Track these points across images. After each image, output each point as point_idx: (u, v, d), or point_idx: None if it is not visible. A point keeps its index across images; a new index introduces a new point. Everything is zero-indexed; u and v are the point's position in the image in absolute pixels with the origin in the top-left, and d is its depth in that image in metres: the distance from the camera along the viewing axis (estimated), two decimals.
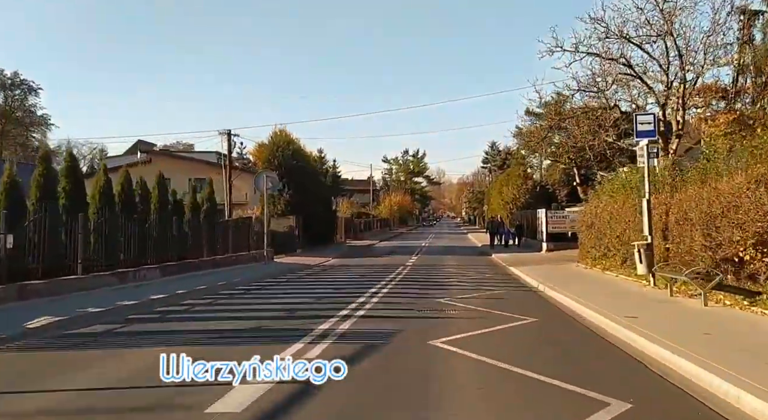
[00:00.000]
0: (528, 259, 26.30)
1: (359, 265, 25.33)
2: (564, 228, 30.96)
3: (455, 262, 26.50)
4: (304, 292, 15.82)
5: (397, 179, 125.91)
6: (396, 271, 21.38)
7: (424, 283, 17.54)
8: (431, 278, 18.95)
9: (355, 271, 22.13)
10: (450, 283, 17.08)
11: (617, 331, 9.22)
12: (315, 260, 27.00)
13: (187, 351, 6.32)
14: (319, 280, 19.01)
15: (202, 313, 12.30)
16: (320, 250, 32.95)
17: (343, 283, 17.88)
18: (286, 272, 21.35)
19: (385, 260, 28.11)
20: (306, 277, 20.28)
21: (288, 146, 31.42)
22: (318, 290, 16.14)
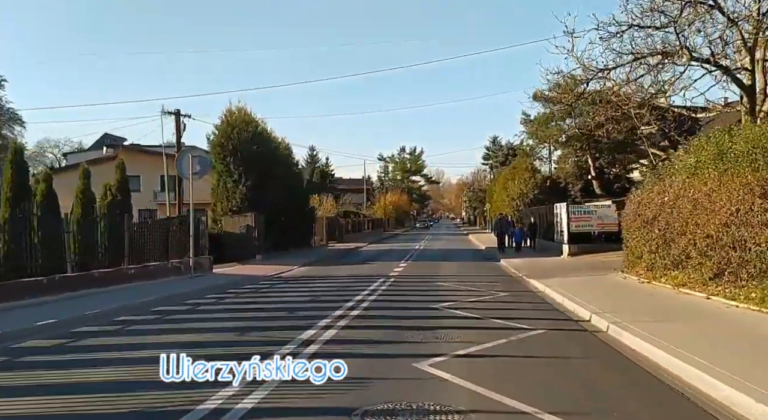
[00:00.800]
0: (551, 267, 20.20)
1: (325, 276, 19.18)
2: (589, 226, 24.83)
3: (454, 272, 20.33)
4: (195, 332, 9.55)
5: (394, 178, 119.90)
6: (369, 287, 15.21)
7: (402, 313, 11.27)
8: (416, 301, 12.81)
9: (310, 288, 15.99)
10: (444, 315, 10.80)
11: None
12: (274, 270, 20.87)
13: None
14: (244, 308, 12.71)
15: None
16: (289, 256, 26.80)
17: (272, 315, 11.68)
18: (206, 292, 14.99)
19: (363, 269, 21.97)
20: (232, 300, 14.07)
21: (247, 128, 25.36)
22: (223, 329, 9.90)
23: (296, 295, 14.07)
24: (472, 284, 15.80)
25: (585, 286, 14.35)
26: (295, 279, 18.40)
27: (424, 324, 9.53)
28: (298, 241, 31.45)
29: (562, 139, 46.42)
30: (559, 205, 26.73)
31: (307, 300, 13.11)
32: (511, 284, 16.05)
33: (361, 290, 14.22)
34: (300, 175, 33.88)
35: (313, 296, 13.64)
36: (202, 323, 10.43)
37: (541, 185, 45.42)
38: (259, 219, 24.75)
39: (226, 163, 24.58)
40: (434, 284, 15.99)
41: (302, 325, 9.51)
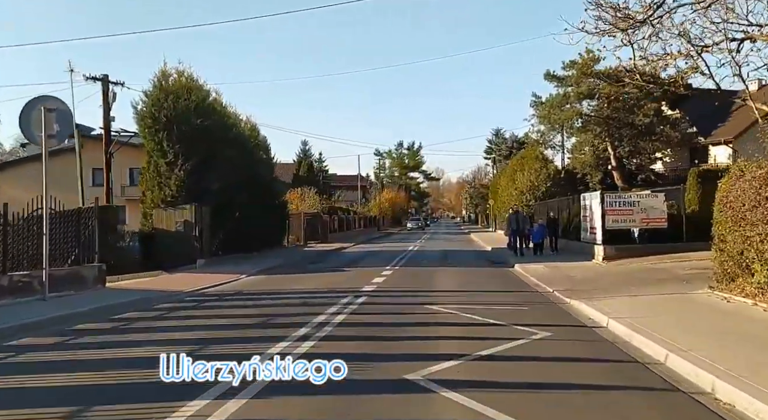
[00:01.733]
0: (588, 278, 14.63)
1: (270, 291, 13.48)
2: (630, 222, 19.14)
3: (454, 285, 14.66)
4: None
5: (391, 174, 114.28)
6: (316, 319, 9.46)
7: (341, 404, 5.39)
8: (382, 361, 6.84)
9: (226, 317, 10.19)
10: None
11: None
12: (211, 280, 15.27)
13: None
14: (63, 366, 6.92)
15: None
16: (245, 260, 21.14)
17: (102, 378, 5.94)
18: (17, 333, 8.48)
19: (333, 279, 16.34)
20: (95, 337, 8.35)
21: (188, 96, 19.69)
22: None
23: (182, 335, 8.28)
24: (483, 309, 10.10)
25: (676, 316, 8.69)
26: (224, 297, 12.67)
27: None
28: (265, 241, 25.76)
29: (578, 123, 40.77)
30: (590, 194, 21.03)
31: (195, 344, 7.38)
32: (545, 310, 10.32)
33: (299, 325, 8.46)
34: (269, 163, 28.14)
35: (204, 339, 7.81)
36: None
37: (555, 176, 39.76)
38: (203, 213, 19.09)
39: (157, 139, 18.93)
40: (423, 309, 10.28)
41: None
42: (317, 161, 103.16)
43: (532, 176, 39.41)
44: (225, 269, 17.98)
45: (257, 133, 27.80)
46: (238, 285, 14.85)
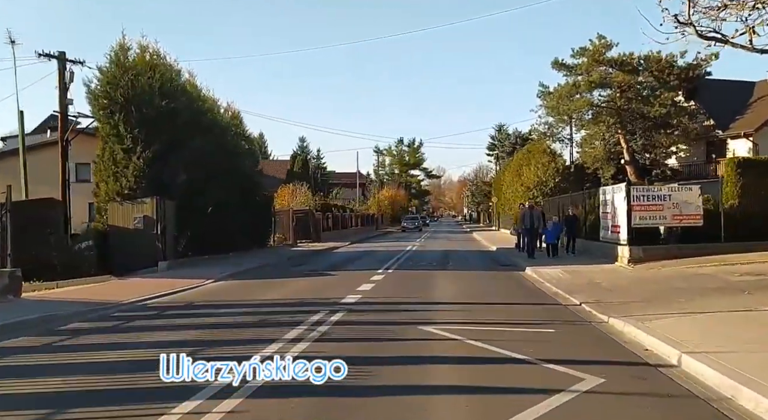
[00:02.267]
0: (621, 286, 12.05)
1: (237, 303, 10.91)
2: (660, 219, 16.53)
3: (457, 295, 12.09)
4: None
5: (391, 172, 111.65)
6: (290, 334, 7.02)
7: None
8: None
9: (166, 338, 7.68)
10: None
11: None
12: (171, 286, 12.83)
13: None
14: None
15: None
16: (217, 262, 18.60)
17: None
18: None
19: (315, 285, 13.81)
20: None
21: (152, 74, 17.05)
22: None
23: (37, 385, 5.65)
24: (496, 332, 7.55)
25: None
26: (164, 312, 10.04)
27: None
28: (246, 240, 23.19)
29: (588, 116, 38.11)
30: (611, 187, 18.41)
31: (46, 406, 4.79)
32: (580, 334, 7.70)
33: (227, 368, 5.83)
34: (252, 155, 25.55)
35: (69, 395, 5.20)
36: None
37: (563, 171, 37.16)
38: (166, 207, 16.49)
39: (113, 123, 16.31)
40: (414, 333, 7.69)
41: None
42: (315, 158, 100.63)
43: (540, 171, 36.80)
44: (190, 273, 15.41)
45: (239, 121, 25.22)
46: (194, 294, 12.25)
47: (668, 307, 9.21)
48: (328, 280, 14.70)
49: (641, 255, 16.32)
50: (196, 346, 6.82)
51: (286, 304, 10.43)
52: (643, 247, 16.40)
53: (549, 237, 18.44)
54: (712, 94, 37.09)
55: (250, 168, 24.72)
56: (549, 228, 18.61)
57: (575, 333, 7.66)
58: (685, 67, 34.57)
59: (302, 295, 11.55)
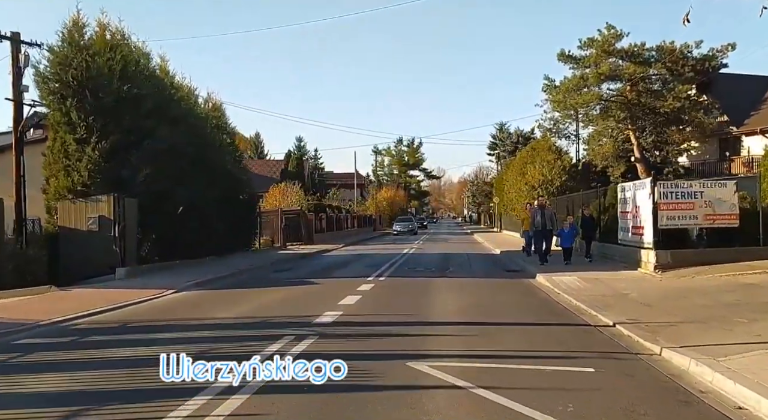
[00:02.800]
0: (662, 300, 10.05)
1: (184, 323, 8.78)
2: (691, 219, 14.46)
3: (459, 305, 10.09)
4: None
5: (390, 172, 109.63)
6: (225, 379, 4.88)
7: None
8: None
9: (46, 386, 5.55)
10: None
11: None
12: (117, 298, 10.84)
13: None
14: None
15: None
16: (188, 268, 16.56)
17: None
18: None
19: (292, 295, 11.77)
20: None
21: (112, 54, 14.95)
22: None
23: None
24: (514, 373, 5.52)
25: None
26: (82, 339, 7.92)
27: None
28: (225, 242, 21.09)
29: (595, 111, 35.99)
30: (634, 183, 16.32)
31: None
32: (633, 377, 5.55)
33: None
34: (235, 149, 23.46)
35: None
36: None
37: (570, 169, 35.09)
38: (125, 206, 14.39)
39: (64, 109, 14.20)
40: (400, 376, 5.58)
41: None
42: (312, 158, 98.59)
43: (545, 169, 34.72)
44: (151, 282, 13.34)
45: (221, 113, 23.14)
46: (139, 310, 10.13)
47: (732, 331, 7.13)
48: (309, 291, 12.60)
49: (669, 260, 14.23)
50: (67, 405, 4.72)
51: (245, 325, 8.35)
52: (671, 251, 14.31)
53: (564, 240, 16.23)
54: (725, 88, 34.99)
55: (233, 164, 22.62)
56: (565, 230, 16.39)
57: (623, 374, 5.56)
58: (701, 59, 32.47)
59: (270, 312, 9.47)
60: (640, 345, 6.76)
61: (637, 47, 32.82)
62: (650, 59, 33.26)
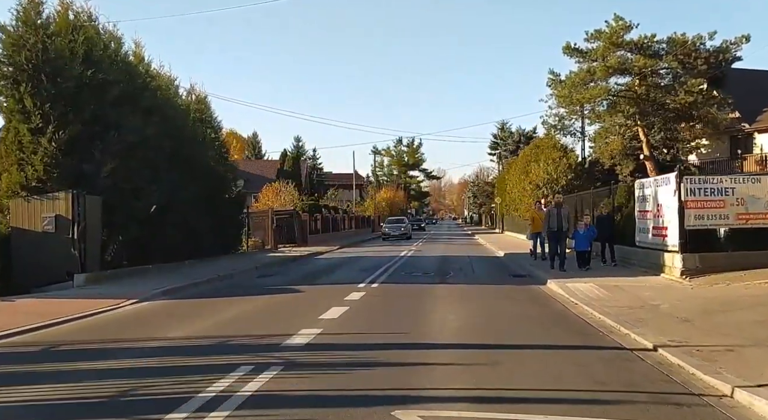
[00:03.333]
0: (704, 313, 8.51)
1: (118, 346, 7.18)
2: (722, 218, 12.88)
3: (461, 320, 8.54)
4: None
5: (390, 173, 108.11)
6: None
7: None
8: None
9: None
10: None
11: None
12: (64, 310, 9.38)
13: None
14: None
15: None
16: (162, 273, 15.00)
17: None
18: None
19: (270, 307, 10.24)
20: None
21: (74, 36, 13.38)
22: None
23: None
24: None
25: None
26: (17, 360, 6.40)
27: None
28: (209, 244, 19.55)
29: (602, 106, 34.36)
30: (655, 179, 14.68)
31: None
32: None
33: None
34: (218, 143, 21.87)
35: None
36: None
37: (576, 167, 33.49)
38: (87, 205, 12.80)
39: (17, 96, 12.61)
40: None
41: None
42: (311, 158, 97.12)
43: (550, 167, 33.12)
44: (113, 290, 11.77)
45: (205, 106, 21.57)
46: (81, 326, 8.54)
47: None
48: (290, 300, 11.02)
49: (697, 265, 12.64)
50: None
51: (196, 349, 6.77)
52: (699, 255, 12.73)
53: (580, 243, 14.53)
54: (736, 83, 33.39)
55: (218, 160, 21.04)
56: (581, 231, 14.74)
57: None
58: (714, 51, 30.88)
59: (235, 330, 7.88)
60: (700, 381, 5.18)
61: (647, 39, 31.22)
62: (660, 52, 31.70)
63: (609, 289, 11.38)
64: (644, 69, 31.26)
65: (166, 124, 16.26)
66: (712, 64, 31.23)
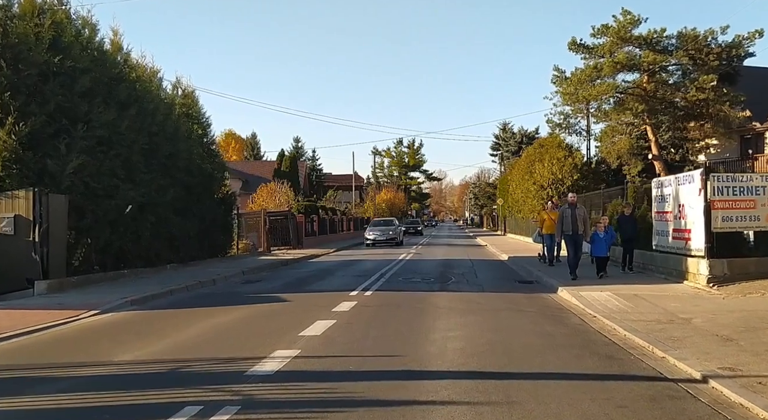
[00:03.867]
0: (747, 329, 7.09)
1: (61, 371, 6.04)
2: (753, 220, 11.67)
3: (464, 339, 7.33)
4: None
5: (390, 174, 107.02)
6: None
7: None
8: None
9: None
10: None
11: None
12: (19, 322, 7.89)
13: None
14: None
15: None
16: (138, 279, 13.82)
17: None
18: None
19: (248, 319, 9.01)
20: None
21: (40, 20, 12.15)
22: None
23: None
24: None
25: None
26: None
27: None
28: (195, 248, 18.36)
29: (609, 104, 33.12)
30: (677, 177, 13.41)
31: None
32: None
33: None
34: (206, 140, 20.67)
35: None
36: None
37: (582, 168, 32.29)
38: (51, 204, 11.59)
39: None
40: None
41: None
42: (310, 159, 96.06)
43: (555, 167, 31.95)
44: (75, 300, 10.57)
45: (192, 101, 20.37)
46: (21, 345, 7.32)
47: None
48: (271, 312, 9.79)
49: (725, 271, 11.44)
50: None
51: (140, 378, 5.53)
52: (727, 261, 11.51)
53: (600, 248, 12.97)
54: (748, 81, 32.18)
55: (206, 159, 19.82)
56: (601, 234, 13.03)
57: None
58: (727, 46, 29.63)
59: (195, 351, 6.64)
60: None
61: (656, 34, 29.99)
62: (670, 47, 30.49)
63: (629, 299, 10.15)
64: (653, 65, 30.03)
65: (143, 119, 15.05)
66: (724, 60, 30.02)
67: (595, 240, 12.99)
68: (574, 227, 12.93)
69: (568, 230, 12.99)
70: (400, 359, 6.14)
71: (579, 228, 12.93)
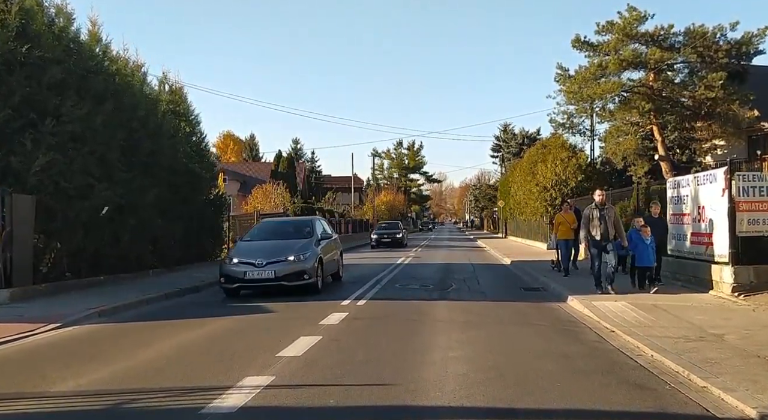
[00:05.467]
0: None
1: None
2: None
3: (467, 362, 6.36)
4: None
5: (390, 176, 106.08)
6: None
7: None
8: None
9: None
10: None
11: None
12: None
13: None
14: None
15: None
16: (118, 285, 12.83)
17: None
18: None
19: (225, 334, 8.08)
20: None
21: (6, 6, 11.24)
22: None
23: None
24: None
25: None
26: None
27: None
28: (181, 251, 17.40)
29: (614, 103, 32.10)
30: (696, 176, 12.42)
31: None
32: None
33: None
34: (195, 139, 19.69)
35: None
36: None
37: (586, 169, 31.31)
38: (15, 205, 10.60)
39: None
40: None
41: None
42: (309, 160, 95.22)
43: (559, 168, 30.97)
44: (39, 311, 9.58)
45: (180, 98, 19.41)
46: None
47: None
48: (250, 325, 8.79)
49: (752, 279, 10.45)
50: None
51: (69, 417, 4.54)
52: (754, 267, 10.52)
53: (645, 256, 10.94)
54: (756, 80, 31.23)
55: (194, 158, 18.85)
56: (647, 239, 10.95)
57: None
58: (736, 43, 28.66)
59: (151, 378, 5.65)
60: None
61: (663, 30, 29.02)
62: (677, 44, 29.52)
63: (648, 310, 9.16)
64: (660, 62, 29.05)
65: (122, 114, 14.07)
66: (733, 58, 29.05)
67: (640, 247, 11.01)
68: (605, 232, 11.00)
69: (597, 236, 11.07)
70: (390, 390, 5.14)
71: (610, 233, 11.04)
